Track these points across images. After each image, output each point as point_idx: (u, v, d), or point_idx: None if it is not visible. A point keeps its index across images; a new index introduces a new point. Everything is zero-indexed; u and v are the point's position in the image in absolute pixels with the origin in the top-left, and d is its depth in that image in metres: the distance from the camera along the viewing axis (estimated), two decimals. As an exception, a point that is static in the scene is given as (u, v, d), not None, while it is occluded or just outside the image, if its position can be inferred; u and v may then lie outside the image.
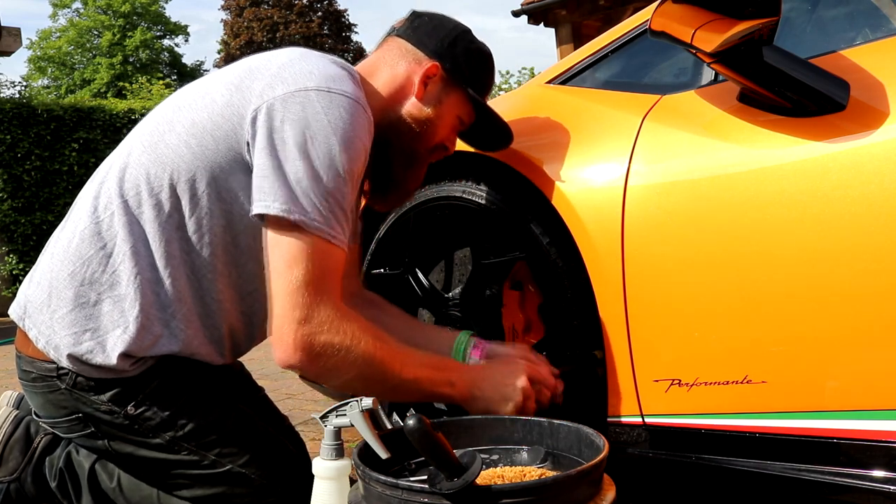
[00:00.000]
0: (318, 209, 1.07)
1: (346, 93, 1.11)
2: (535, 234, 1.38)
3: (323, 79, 1.11)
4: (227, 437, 1.19)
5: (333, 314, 1.08)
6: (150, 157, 1.16)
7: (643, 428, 1.24)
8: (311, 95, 1.09)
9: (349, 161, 1.10)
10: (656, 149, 1.26)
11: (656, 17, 1.14)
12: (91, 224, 1.17)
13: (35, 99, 8.78)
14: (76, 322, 1.15)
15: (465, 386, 1.21)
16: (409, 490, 0.85)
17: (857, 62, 1.14)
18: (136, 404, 1.17)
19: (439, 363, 1.22)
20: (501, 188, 1.45)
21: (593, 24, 9.17)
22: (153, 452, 1.19)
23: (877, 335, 1.05)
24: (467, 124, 1.35)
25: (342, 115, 1.09)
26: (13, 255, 7.86)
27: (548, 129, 1.48)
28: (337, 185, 1.09)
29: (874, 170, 1.04)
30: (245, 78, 1.16)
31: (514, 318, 1.57)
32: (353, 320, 1.11)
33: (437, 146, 1.32)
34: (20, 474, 1.29)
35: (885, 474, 1.04)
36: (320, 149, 1.07)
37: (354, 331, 1.10)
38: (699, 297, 1.19)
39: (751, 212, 1.14)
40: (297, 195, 1.06)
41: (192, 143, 1.14)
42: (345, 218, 1.12)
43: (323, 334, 1.07)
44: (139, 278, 1.14)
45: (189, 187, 1.14)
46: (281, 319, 1.08)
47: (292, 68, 1.13)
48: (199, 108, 1.17)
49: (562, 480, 0.86)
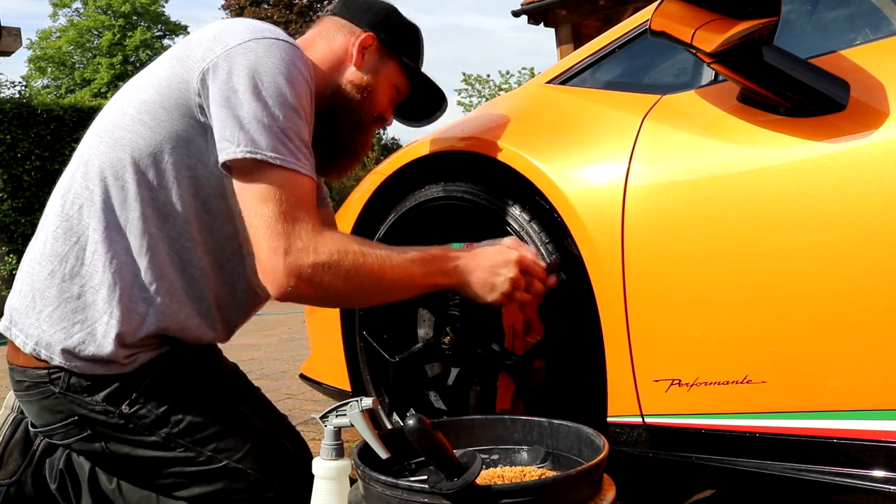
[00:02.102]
0: (279, 143, 1.11)
1: (281, 38, 1.18)
2: (535, 234, 1.38)
3: (258, 30, 1.18)
4: (222, 433, 1.20)
5: (314, 236, 1.12)
6: (109, 144, 1.19)
7: (643, 428, 1.24)
8: (251, 45, 1.15)
9: (298, 96, 1.15)
10: (656, 149, 1.26)
11: (656, 17, 1.14)
12: (62, 223, 1.19)
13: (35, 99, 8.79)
14: (64, 317, 1.16)
15: (458, 273, 1.23)
16: (409, 490, 0.85)
17: (857, 62, 1.14)
18: (130, 403, 1.18)
19: (429, 255, 1.23)
20: (501, 188, 1.45)
21: (593, 24, 9.17)
22: (149, 451, 1.19)
23: (877, 335, 1.05)
24: (404, 94, 1.42)
25: (282, 56, 1.15)
26: (13, 255, 7.87)
27: (548, 129, 1.48)
28: (291, 118, 1.13)
29: (874, 170, 1.04)
30: (184, 50, 1.21)
31: (514, 318, 1.57)
32: (334, 237, 1.14)
33: (377, 116, 1.38)
34: (20, 476, 1.29)
35: (885, 474, 1.04)
36: (269, 88, 1.12)
37: (339, 245, 1.13)
38: (699, 297, 1.19)
39: (751, 212, 1.14)
40: (256, 135, 1.10)
41: (145, 120, 1.17)
42: (306, 148, 1.16)
43: (308, 256, 1.10)
44: (115, 262, 1.16)
45: (152, 162, 1.17)
46: (265, 254, 1.11)
47: (228, 30, 1.19)
48: (146, 87, 1.21)
49: (562, 480, 0.86)
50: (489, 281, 1.23)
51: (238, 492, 1.20)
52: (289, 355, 4.04)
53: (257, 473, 1.20)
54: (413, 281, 1.20)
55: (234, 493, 1.20)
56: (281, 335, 5.02)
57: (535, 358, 1.48)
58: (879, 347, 1.04)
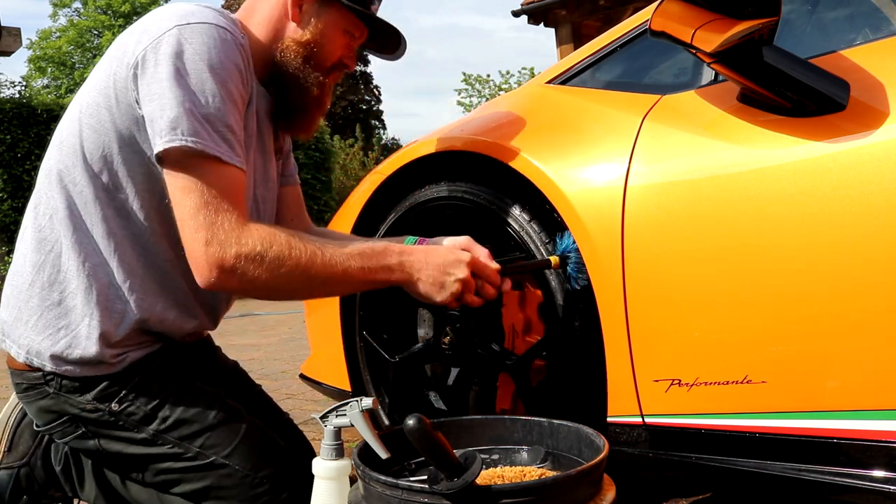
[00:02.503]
0: (200, 129, 1.09)
1: (206, 21, 1.14)
2: (535, 234, 1.38)
3: (181, 16, 1.14)
4: (209, 429, 1.21)
5: (237, 227, 1.10)
6: (63, 152, 1.20)
7: (643, 428, 1.24)
8: (174, 32, 1.11)
9: (222, 81, 1.12)
10: (656, 149, 1.26)
11: (656, 17, 1.14)
12: (35, 234, 1.22)
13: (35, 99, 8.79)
14: (48, 324, 1.19)
15: (406, 269, 1.19)
16: (409, 490, 0.85)
17: (857, 62, 1.14)
18: (119, 400, 1.20)
19: (373, 250, 1.18)
20: (501, 188, 1.45)
21: (593, 24, 9.17)
22: (140, 448, 1.21)
23: (877, 335, 1.05)
24: (361, 37, 1.35)
25: (205, 41, 1.12)
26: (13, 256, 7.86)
27: (548, 129, 1.48)
28: (216, 105, 1.11)
29: (874, 170, 1.04)
30: (119, 47, 1.18)
31: (514, 318, 1.57)
32: (260, 228, 1.12)
33: (333, 66, 1.33)
34: (30, 458, 1.33)
35: (885, 474, 1.04)
36: (192, 76, 1.10)
37: (263, 236, 1.11)
38: (699, 297, 1.19)
39: (751, 212, 1.14)
40: (179, 124, 1.08)
41: (91, 123, 1.18)
42: (232, 136, 1.13)
43: (231, 247, 1.09)
44: (87, 265, 1.18)
45: (104, 164, 1.17)
46: (190, 245, 1.10)
47: (154, 19, 1.16)
48: (89, 91, 1.20)
49: (562, 480, 0.86)
50: (438, 280, 1.19)
51: (228, 488, 1.21)
52: (289, 355, 4.03)
53: (245, 469, 1.20)
54: (350, 275, 1.15)
55: (224, 489, 1.21)
56: (281, 335, 5.02)
57: (535, 358, 1.48)
58: (879, 347, 1.04)
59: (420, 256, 1.20)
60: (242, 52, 1.18)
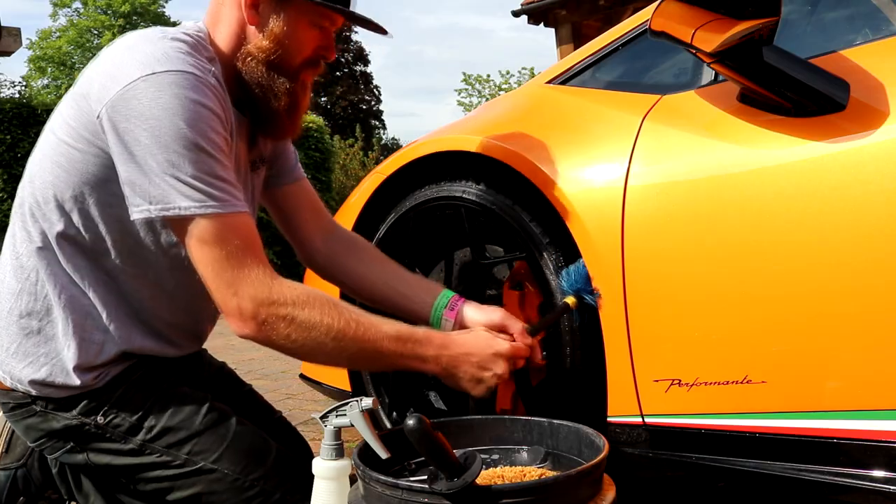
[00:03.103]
0: (195, 192, 1.06)
1: (172, 69, 1.07)
2: (535, 234, 1.38)
3: (147, 65, 1.07)
4: (196, 435, 1.21)
5: (264, 281, 1.09)
6: (35, 185, 1.19)
7: (643, 428, 1.24)
8: (140, 86, 1.06)
9: (202, 133, 1.07)
10: (656, 149, 1.26)
11: (656, 17, 1.14)
12: (13, 260, 1.20)
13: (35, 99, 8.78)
14: (28, 353, 1.18)
15: (441, 364, 1.16)
16: (409, 490, 0.85)
17: (857, 62, 1.14)
18: (104, 413, 1.20)
19: (411, 336, 1.15)
20: (501, 188, 1.45)
21: (593, 24, 9.17)
22: (128, 458, 1.21)
23: (877, 335, 1.05)
24: (335, 24, 1.23)
25: (176, 93, 1.06)
26: (13, 255, 7.85)
27: (548, 129, 1.48)
28: (201, 160, 1.06)
29: (874, 170, 1.04)
30: (84, 85, 1.14)
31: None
32: (293, 287, 1.10)
33: (305, 62, 1.23)
34: (27, 460, 1.32)
35: (885, 474, 1.04)
36: (169, 135, 1.05)
37: (297, 296, 1.09)
38: (699, 297, 1.19)
39: (751, 212, 1.14)
40: (168, 190, 1.06)
41: (62, 162, 1.15)
42: (225, 183, 1.10)
43: (260, 303, 1.08)
44: (63, 297, 1.17)
45: (74, 204, 1.15)
46: (220, 303, 1.10)
47: (120, 65, 1.10)
48: (59, 127, 1.16)
49: (562, 480, 0.86)
50: (476, 376, 1.17)
51: (219, 493, 1.20)
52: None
53: (234, 473, 1.20)
54: (381, 355, 1.13)
55: (216, 494, 1.20)
56: (281, 335, 5.01)
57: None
58: (879, 347, 1.04)
59: (457, 351, 1.17)
60: (216, 92, 1.12)
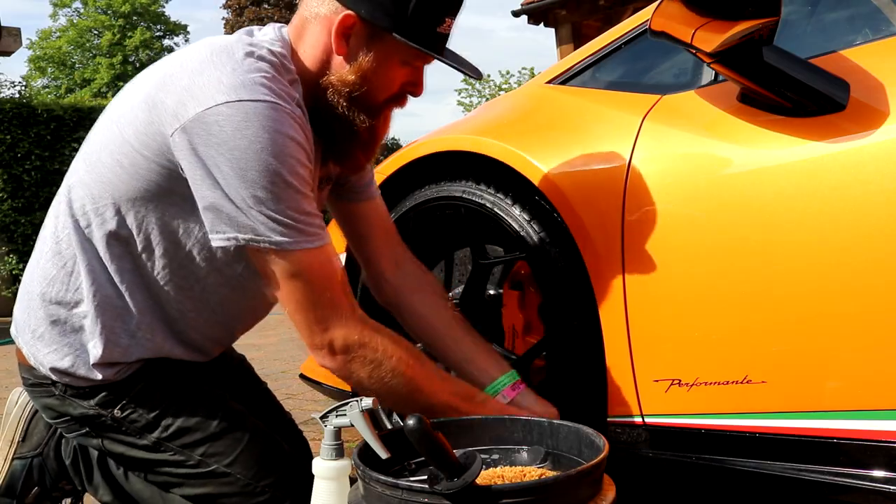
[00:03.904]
0: (284, 228, 1.05)
1: (258, 98, 1.04)
2: (535, 234, 1.38)
3: (233, 89, 1.03)
4: (212, 437, 1.21)
5: (356, 324, 1.11)
6: (92, 176, 1.15)
7: (643, 428, 1.24)
8: (223, 111, 1.02)
9: (289, 167, 1.05)
10: (656, 149, 1.26)
11: (656, 17, 1.14)
12: (53, 244, 1.19)
13: (35, 99, 8.78)
14: (53, 340, 1.18)
15: None
16: (409, 490, 0.85)
17: (857, 62, 1.14)
18: (121, 407, 1.19)
19: (471, 395, 1.19)
20: (501, 188, 1.45)
21: (593, 24, 9.17)
22: (141, 452, 1.21)
23: (877, 335, 1.05)
24: (429, 61, 1.17)
25: (262, 124, 1.02)
26: (13, 256, 7.86)
27: (548, 129, 1.48)
28: (287, 196, 1.05)
29: (874, 170, 1.04)
30: (159, 91, 1.09)
31: (514, 318, 1.57)
32: (381, 333, 1.13)
33: (390, 98, 1.18)
34: (43, 449, 1.33)
35: (885, 474, 1.04)
36: (256, 168, 1.02)
37: (381, 344, 1.12)
38: (699, 297, 1.19)
39: (750, 212, 1.14)
40: (258, 223, 1.04)
41: (125, 164, 1.11)
42: (312, 217, 1.09)
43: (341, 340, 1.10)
44: (98, 295, 1.15)
45: (131, 207, 1.13)
46: (308, 337, 1.12)
47: (201, 79, 1.06)
48: (126, 125, 1.12)
49: (562, 480, 0.86)
50: None
51: (228, 496, 1.21)
52: (289, 355, 4.03)
53: (246, 478, 1.20)
54: (445, 411, 1.14)
55: (225, 496, 1.21)
56: (281, 335, 5.02)
57: (535, 358, 1.48)
58: (879, 347, 1.04)
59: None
60: (300, 122, 1.08)
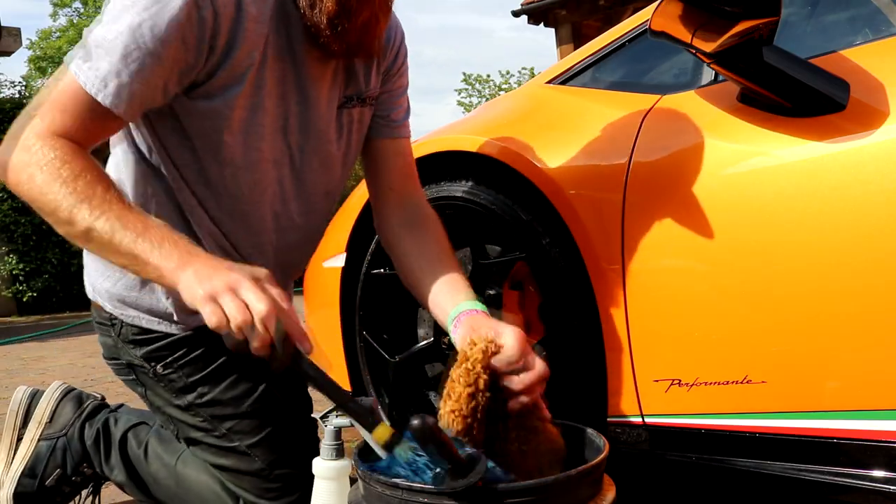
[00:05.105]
0: (87, 53, 1.02)
1: None
2: (535, 234, 1.38)
3: None
4: (242, 415, 1.23)
5: (39, 136, 1.00)
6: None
7: (643, 428, 1.25)
8: None
9: (144, 20, 0.98)
10: (656, 149, 1.26)
11: (656, 17, 1.14)
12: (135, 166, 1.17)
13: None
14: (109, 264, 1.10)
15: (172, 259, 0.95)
16: (409, 490, 0.85)
17: (857, 62, 1.14)
18: (165, 364, 1.23)
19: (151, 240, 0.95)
20: (501, 188, 1.45)
21: (593, 24, 9.18)
22: (176, 412, 1.26)
23: (877, 335, 1.05)
24: None
25: None
26: (13, 255, 7.87)
27: (548, 129, 1.48)
28: (115, 35, 0.99)
29: (874, 170, 1.04)
30: None
31: (514, 318, 1.57)
32: (56, 148, 0.99)
33: None
34: (68, 430, 1.39)
35: (885, 474, 1.04)
36: (115, 4, 1.00)
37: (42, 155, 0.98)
38: (699, 297, 1.19)
39: (750, 212, 1.14)
40: (82, 43, 1.03)
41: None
42: (109, 63, 1.01)
43: (12, 151, 1.00)
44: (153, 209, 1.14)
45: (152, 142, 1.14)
46: None
47: None
48: None
49: (562, 480, 0.86)
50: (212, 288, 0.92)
51: (243, 473, 1.23)
52: (289, 355, 4.02)
53: (264, 463, 1.22)
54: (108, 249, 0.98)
55: (240, 473, 1.23)
56: (281, 335, 5.01)
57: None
58: (879, 347, 1.04)
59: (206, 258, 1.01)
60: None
